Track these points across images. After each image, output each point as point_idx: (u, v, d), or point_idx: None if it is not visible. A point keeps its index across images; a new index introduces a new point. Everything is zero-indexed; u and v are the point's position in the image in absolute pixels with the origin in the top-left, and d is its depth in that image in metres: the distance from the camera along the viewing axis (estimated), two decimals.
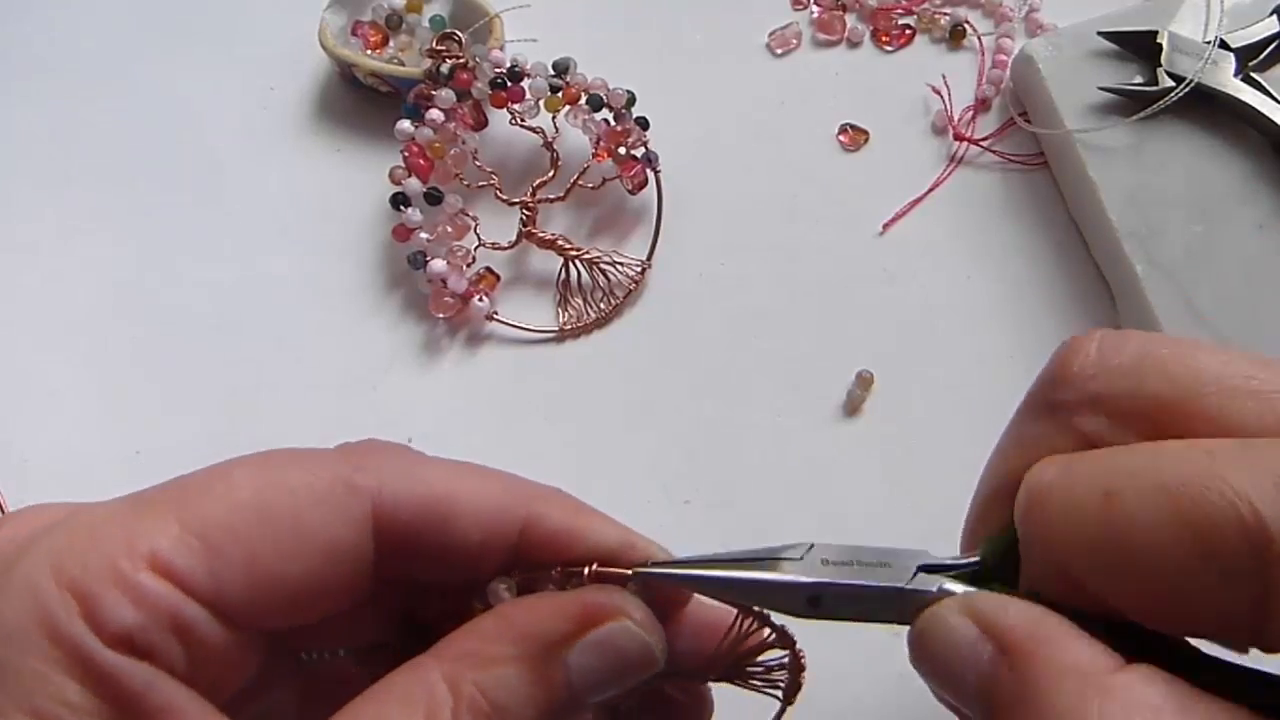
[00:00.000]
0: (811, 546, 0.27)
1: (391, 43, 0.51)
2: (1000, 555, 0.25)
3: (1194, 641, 0.23)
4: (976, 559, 0.26)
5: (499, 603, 0.27)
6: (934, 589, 0.26)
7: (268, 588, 0.25)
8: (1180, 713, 0.21)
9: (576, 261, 0.49)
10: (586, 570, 0.27)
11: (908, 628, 0.26)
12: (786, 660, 0.29)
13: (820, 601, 0.26)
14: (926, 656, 0.25)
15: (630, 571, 0.27)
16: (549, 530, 0.27)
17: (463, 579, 0.27)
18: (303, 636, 0.28)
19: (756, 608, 0.28)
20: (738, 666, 0.29)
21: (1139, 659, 0.22)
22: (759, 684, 0.29)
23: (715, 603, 0.28)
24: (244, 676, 0.26)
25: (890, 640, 0.28)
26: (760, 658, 0.29)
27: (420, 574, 0.27)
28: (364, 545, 0.26)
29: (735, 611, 0.28)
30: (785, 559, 0.26)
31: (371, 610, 0.28)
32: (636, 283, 0.49)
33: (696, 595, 0.28)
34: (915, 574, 0.26)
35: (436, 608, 0.28)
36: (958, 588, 0.26)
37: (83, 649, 0.23)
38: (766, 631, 0.28)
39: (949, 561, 0.26)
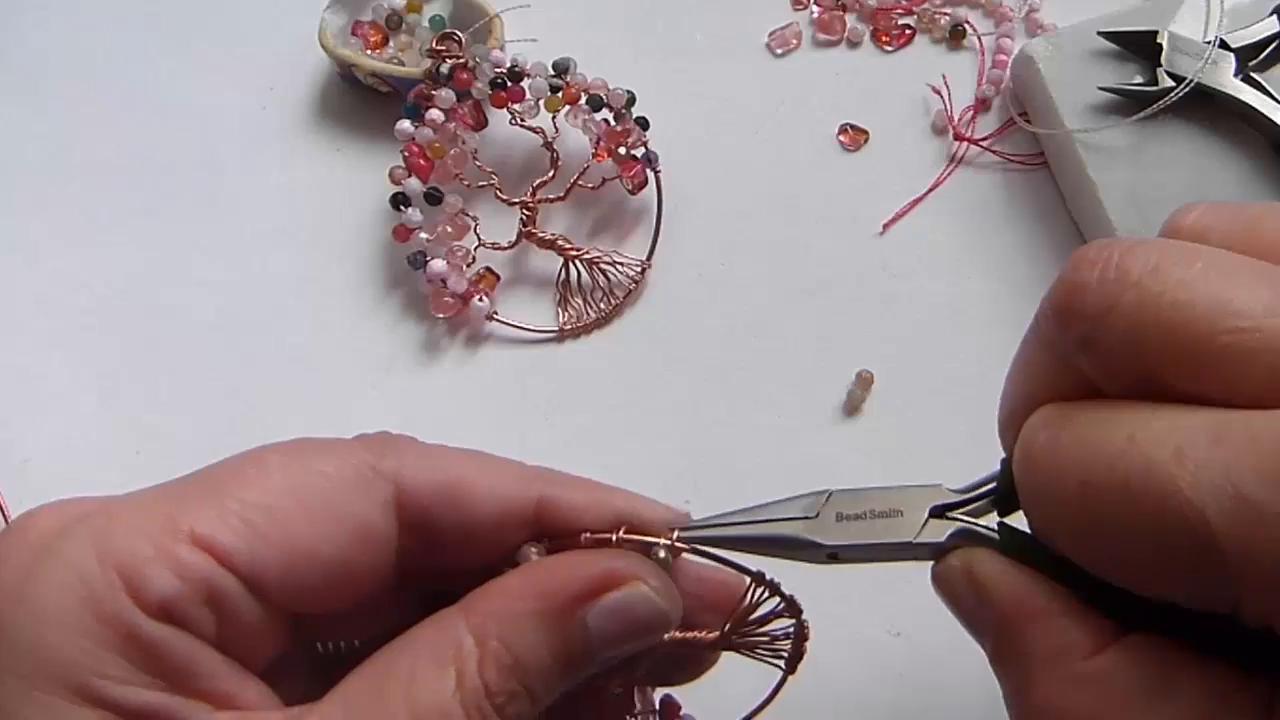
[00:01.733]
0: (829, 497, 0.28)
1: (391, 43, 0.51)
2: (1012, 481, 0.25)
3: None
4: (990, 488, 0.27)
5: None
6: (943, 537, 0.27)
7: (301, 565, 0.26)
8: (1157, 694, 0.22)
9: (576, 261, 0.49)
10: (614, 536, 0.28)
11: (928, 563, 0.27)
12: (791, 630, 0.30)
13: (839, 556, 0.28)
14: (946, 603, 0.27)
15: (656, 539, 0.28)
16: (564, 505, 0.29)
17: (482, 566, 0.28)
18: (321, 625, 0.29)
19: (769, 578, 0.29)
20: (744, 634, 0.30)
21: (1137, 615, 0.22)
22: (764, 653, 0.30)
23: (720, 566, 0.29)
24: (268, 658, 0.27)
25: (890, 640, 0.29)
26: (766, 627, 0.30)
27: (441, 559, 0.29)
28: (389, 527, 0.27)
29: (742, 578, 0.29)
30: (802, 518, 0.28)
31: (391, 601, 0.29)
32: (636, 283, 0.49)
33: (700, 560, 0.29)
34: (926, 521, 0.27)
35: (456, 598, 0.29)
36: (966, 527, 0.26)
37: (127, 622, 0.24)
38: (775, 600, 0.29)
39: (961, 498, 0.27)
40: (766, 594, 0.29)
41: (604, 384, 0.47)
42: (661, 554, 0.28)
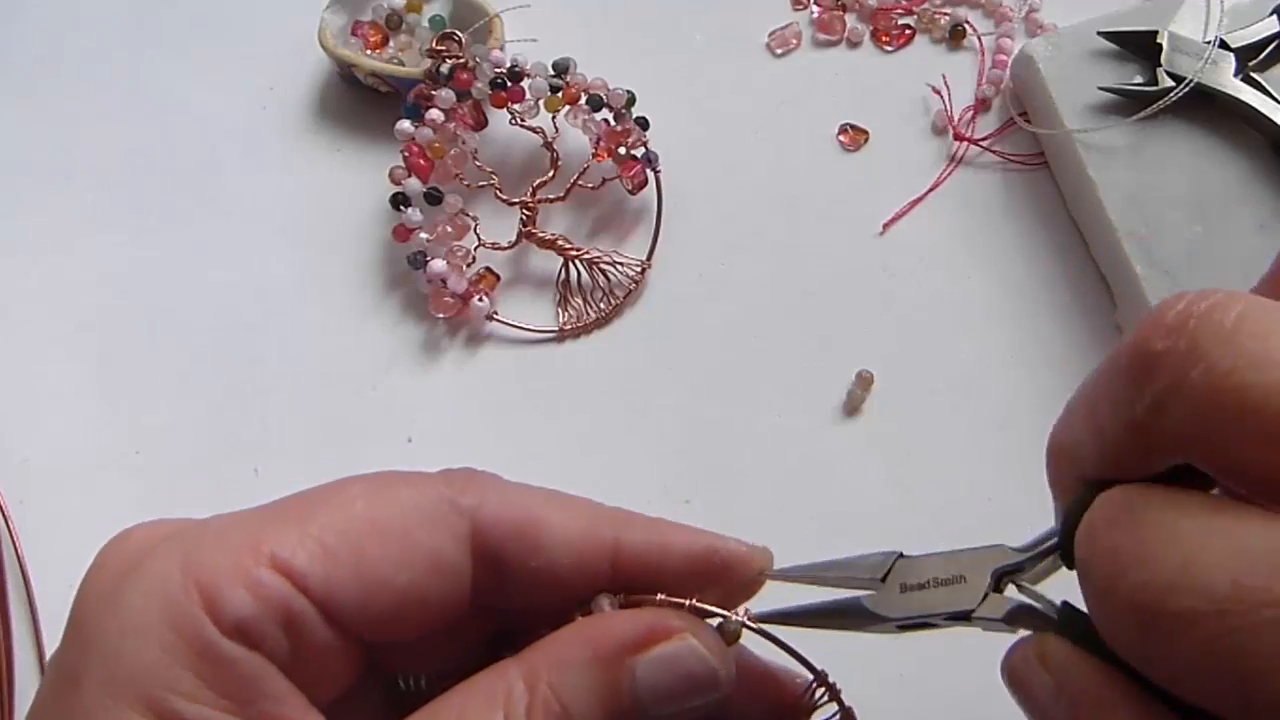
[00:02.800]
0: (897, 559, 0.28)
1: (391, 43, 0.51)
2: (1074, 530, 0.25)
3: None
4: (1054, 540, 0.26)
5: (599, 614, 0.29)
6: (1002, 614, 0.26)
7: (376, 593, 0.26)
8: None
9: (576, 261, 0.49)
10: (688, 603, 0.28)
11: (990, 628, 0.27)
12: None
13: (906, 627, 0.28)
14: (1016, 696, 0.26)
15: (728, 614, 0.29)
16: (638, 549, 0.29)
17: (556, 607, 0.28)
18: (396, 657, 0.29)
19: (832, 681, 0.29)
20: None
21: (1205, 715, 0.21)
22: None
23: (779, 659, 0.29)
24: (338, 688, 0.28)
25: (890, 641, 0.29)
26: None
27: (516, 597, 0.29)
28: (464, 561, 0.28)
29: (805, 674, 0.29)
30: (870, 581, 0.28)
31: (468, 639, 0.30)
32: (636, 283, 0.49)
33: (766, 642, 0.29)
34: (988, 591, 0.26)
35: (530, 639, 0.30)
36: (1027, 603, 0.26)
37: (202, 637, 0.24)
38: (833, 707, 0.30)
39: (1025, 557, 0.26)
40: (826, 698, 0.29)
41: (604, 384, 0.47)
42: (732, 624, 0.29)
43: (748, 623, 0.29)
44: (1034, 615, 0.25)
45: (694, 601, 0.28)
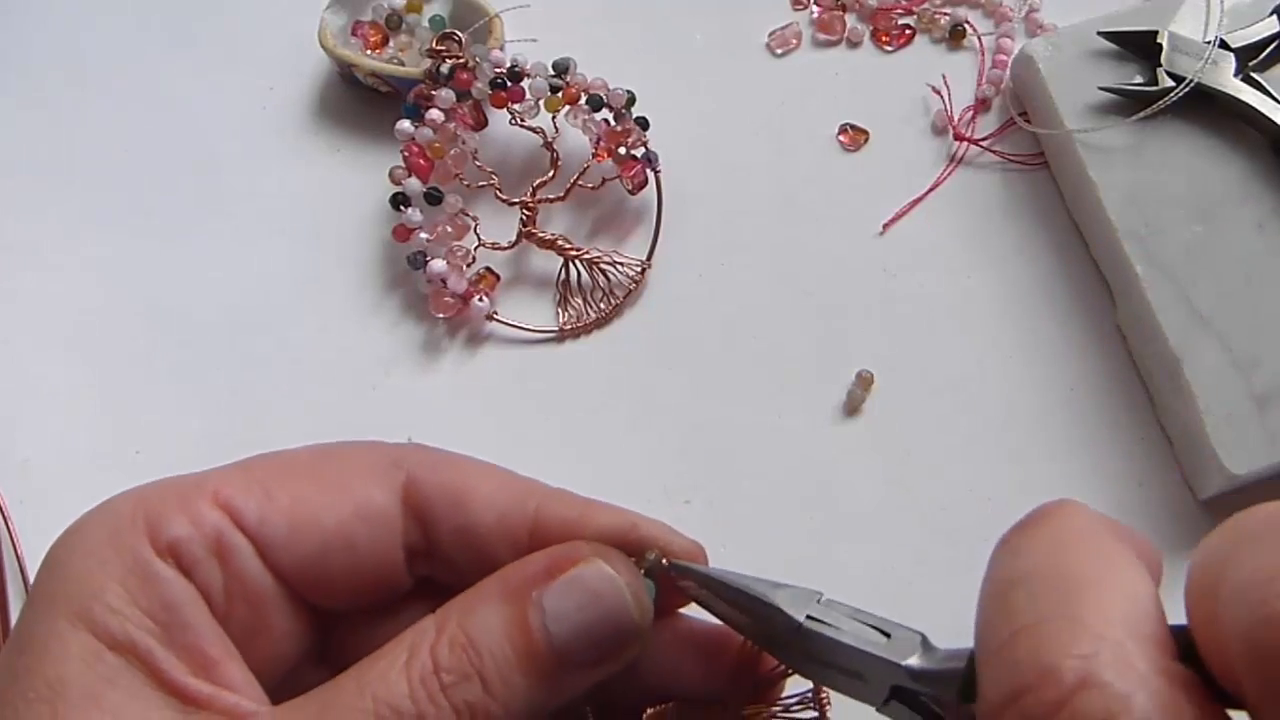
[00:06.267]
0: (819, 599, 0.27)
1: (391, 43, 0.51)
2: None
3: None
4: (960, 667, 0.25)
5: None
6: None
7: (305, 532, 0.28)
8: None
9: (576, 261, 0.49)
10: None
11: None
12: (809, 695, 0.29)
13: (804, 635, 0.27)
14: None
15: (652, 554, 0.29)
16: (558, 516, 0.30)
17: (484, 569, 0.29)
18: (352, 641, 0.30)
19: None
20: (755, 696, 0.30)
21: None
22: None
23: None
24: (280, 651, 0.28)
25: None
26: (784, 700, 0.30)
27: (444, 561, 0.30)
28: (394, 512, 0.29)
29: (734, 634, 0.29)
30: (788, 620, 0.27)
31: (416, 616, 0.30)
32: (636, 283, 0.49)
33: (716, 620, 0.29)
34: (887, 699, 0.26)
35: None
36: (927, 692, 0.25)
37: (136, 555, 0.26)
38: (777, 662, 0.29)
39: (931, 671, 0.25)
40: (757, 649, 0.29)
41: (604, 384, 0.47)
42: (646, 561, 0.29)
43: (665, 562, 0.29)
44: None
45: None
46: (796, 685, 0.31)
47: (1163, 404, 0.45)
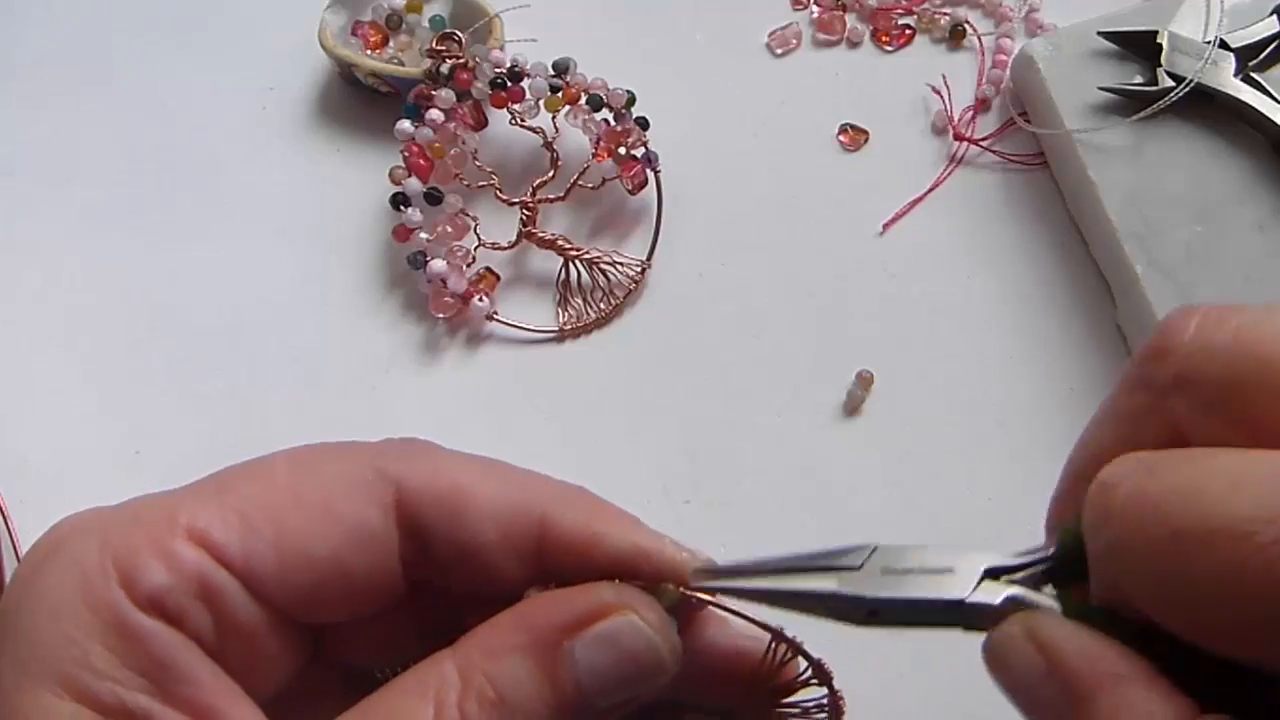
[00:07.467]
0: (874, 550, 0.25)
1: (391, 43, 0.51)
2: (1075, 548, 0.23)
3: None
4: (1048, 555, 0.24)
5: None
6: (998, 600, 0.24)
7: (297, 565, 0.26)
8: None
9: (576, 261, 0.49)
10: (618, 582, 0.26)
11: (974, 633, 0.24)
12: (825, 701, 0.28)
13: (880, 614, 0.25)
14: (1000, 678, 0.24)
15: (670, 587, 0.26)
16: (565, 535, 0.27)
17: (488, 587, 0.27)
18: (348, 649, 0.29)
19: (792, 636, 0.27)
20: (771, 703, 0.28)
21: (1216, 689, 0.21)
22: None
23: (748, 628, 0.27)
24: (279, 676, 0.27)
25: (890, 640, 0.28)
26: (796, 696, 0.28)
27: (444, 575, 0.28)
28: (388, 532, 0.27)
29: (762, 636, 0.27)
30: (844, 567, 0.25)
31: (420, 627, 0.29)
32: (636, 283, 0.49)
33: (727, 616, 0.27)
34: (980, 581, 0.24)
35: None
36: (1025, 594, 0.24)
37: (115, 611, 0.24)
38: (801, 663, 0.27)
39: (1017, 561, 0.24)
40: (789, 654, 0.27)
41: (604, 384, 0.47)
42: (667, 596, 0.26)
43: (687, 591, 0.26)
44: (1032, 605, 0.24)
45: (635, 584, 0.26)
46: (810, 692, 0.30)
47: None
